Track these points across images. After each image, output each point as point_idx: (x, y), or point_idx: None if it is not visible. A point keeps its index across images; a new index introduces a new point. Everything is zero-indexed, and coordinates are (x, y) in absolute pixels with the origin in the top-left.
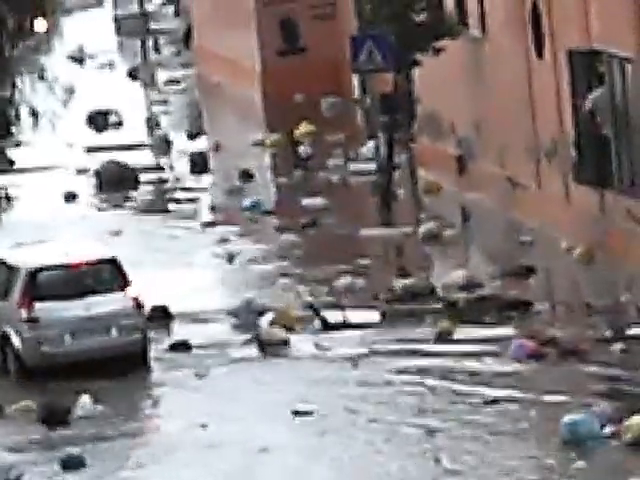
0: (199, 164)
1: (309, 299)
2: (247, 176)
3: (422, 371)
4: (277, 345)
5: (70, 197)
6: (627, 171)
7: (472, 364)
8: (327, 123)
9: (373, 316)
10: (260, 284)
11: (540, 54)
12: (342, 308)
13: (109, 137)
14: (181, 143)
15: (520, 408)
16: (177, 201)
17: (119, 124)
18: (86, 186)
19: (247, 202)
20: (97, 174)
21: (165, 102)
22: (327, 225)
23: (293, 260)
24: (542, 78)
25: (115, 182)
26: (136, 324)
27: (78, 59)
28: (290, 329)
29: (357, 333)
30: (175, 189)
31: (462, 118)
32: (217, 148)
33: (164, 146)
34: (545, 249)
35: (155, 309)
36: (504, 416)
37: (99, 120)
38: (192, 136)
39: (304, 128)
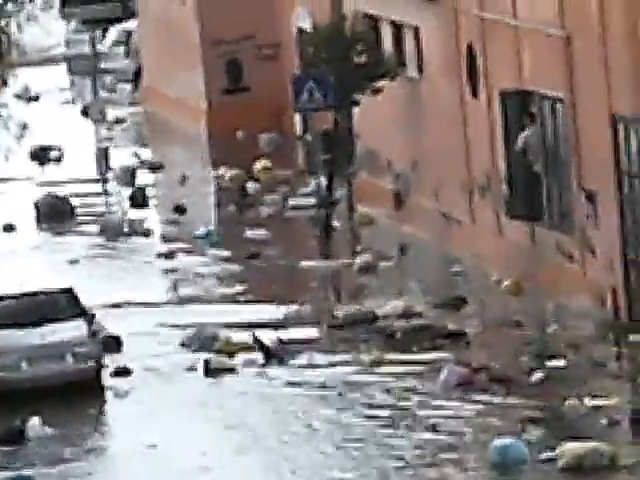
0: (138, 198)
1: (254, 329)
2: (180, 210)
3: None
4: (224, 371)
5: (8, 228)
6: (556, 206)
7: (409, 384)
8: (267, 159)
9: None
10: (210, 311)
11: (475, 94)
12: (283, 341)
13: (51, 171)
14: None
15: (449, 433)
16: (130, 232)
17: (59, 159)
18: (26, 218)
19: (200, 232)
20: (36, 206)
21: (113, 139)
22: (270, 256)
23: (239, 289)
24: (476, 117)
25: (52, 214)
26: (90, 352)
27: (25, 98)
28: (235, 356)
29: (297, 362)
30: (125, 220)
31: (399, 155)
32: (184, 181)
33: (128, 177)
34: (477, 280)
35: (109, 338)
36: (432, 443)
37: (41, 155)
38: (154, 169)
39: (261, 164)
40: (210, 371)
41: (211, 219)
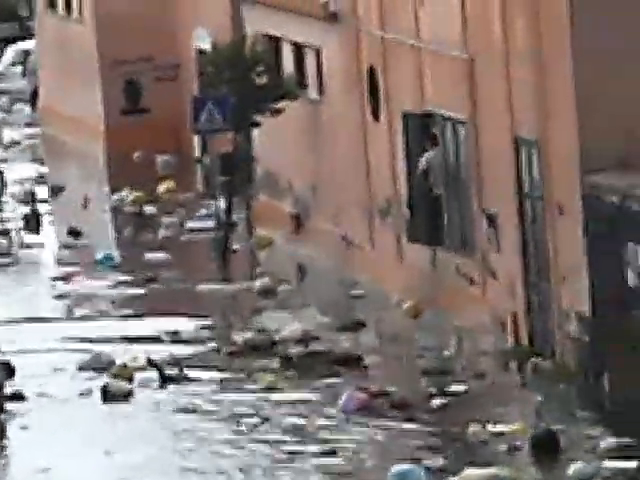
0: (33, 221)
1: (150, 354)
2: (75, 234)
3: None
4: (121, 396)
5: None
6: (457, 230)
7: (306, 409)
8: (171, 180)
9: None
10: (106, 334)
11: (376, 116)
12: (180, 365)
13: None
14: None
15: (348, 459)
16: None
17: None
18: None
19: (100, 255)
20: None
21: (8, 160)
22: (168, 279)
23: (138, 312)
24: (378, 140)
25: None
26: None
27: None
28: (132, 380)
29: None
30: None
31: (299, 177)
32: (86, 203)
33: (25, 199)
34: (376, 304)
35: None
36: (331, 469)
37: None
38: (55, 191)
39: (165, 186)
40: (107, 396)
41: (110, 242)
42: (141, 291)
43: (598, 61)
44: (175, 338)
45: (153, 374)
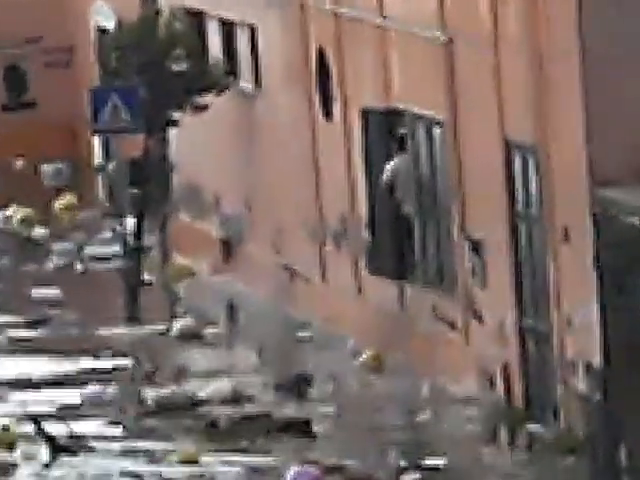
0: None
1: (39, 416)
2: None
3: None
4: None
5: None
6: (432, 260)
7: None
8: (72, 194)
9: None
10: None
11: (328, 114)
12: (73, 431)
13: None
14: None
15: None
16: None
17: None
18: None
19: None
20: None
21: None
22: (61, 322)
23: (22, 364)
24: (330, 143)
25: None
26: None
27: None
28: (15, 449)
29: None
30: None
31: (230, 191)
32: None
33: None
34: (328, 353)
35: None
36: None
37: None
38: None
39: (64, 201)
40: None
41: None
42: (28, 334)
43: (612, 49)
44: (72, 398)
45: (41, 443)
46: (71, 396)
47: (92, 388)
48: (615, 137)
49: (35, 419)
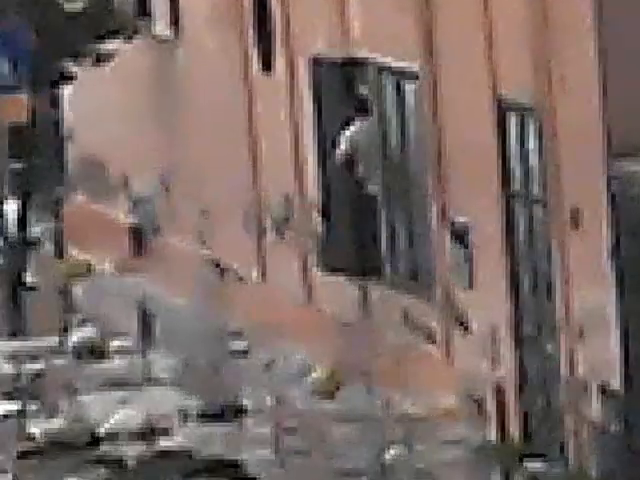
0: None
1: None
2: None
3: None
4: None
5: None
6: (404, 253)
7: None
8: None
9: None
10: None
11: (267, 65)
12: None
13: None
14: None
15: None
16: None
17: None
18: None
19: None
20: None
21: None
22: None
23: None
24: (270, 103)
25: None
26: None
27: None
28: None
29: None
30: None
31: (142, 166)
32: None
33: None
34: (270, 371)
35: None
36: None
37: None
38: None
39: None
40: None
41: None
42: None
43: None
44: None
45: None
46: None
47: None
48: (638, 95)
49: None
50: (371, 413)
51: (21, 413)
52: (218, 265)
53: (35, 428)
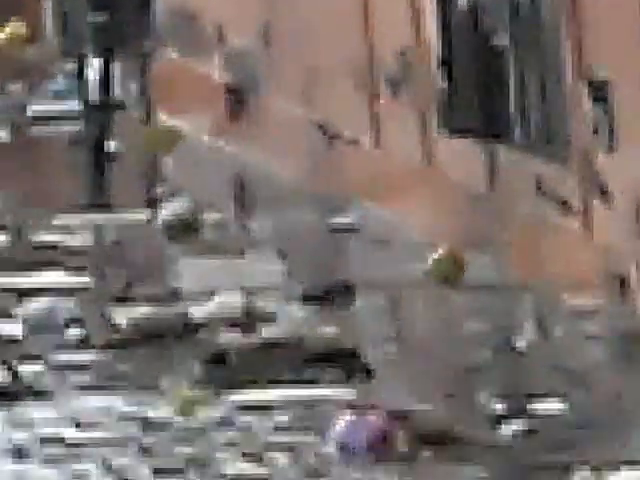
0: None
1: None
2: None
3: None
4: None
5: None
6: (537, 114)
7: (264, 449)
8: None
9: None
10: None
11: None
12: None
13: None
14: None
15: None
16: None
17: None
18: None
19: None
20: None
21: None
22: None
23: None
24: None
25: None
26: None
27: None
28: None
29: None
30: None
31: (239, 16)
32: None
33: None
34: (383, 250)
35: None
36: None
37: None
38: None
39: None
40: None
41: None
42: None
43: None
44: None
45: None
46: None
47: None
48: None
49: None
50: (501, 295)
51: (103, 294)
52: (326, 130)
53: (122, 314)
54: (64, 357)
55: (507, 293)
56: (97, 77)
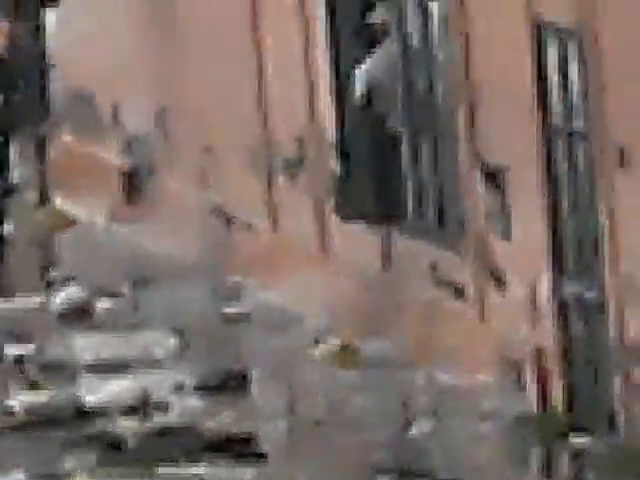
0: None
1: None
2: None
3: None
4: None
5: None
6: (431, 198)
7: None
8: None
9: None
10: None
11: None
12: None
13: None
14: None
15: None
16: None
17: None
18: None
19: None
20: None
21: None
22: None
23: None
24: (279, 27)
25: None
26: None
27: None
28: None
29: None
30: None
31: (136, 100)
32: None
33: None
34: (278, 335)
35: None
36: None
37: None
38: None
39: None
40: None
41: None
42: None
43: None
44: None
45: None
46: None
47: None
48: None
49: None
50: (394, 381)
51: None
52: (222, 213)
53: (17, 400)
54: None
55: (402, 374)
56: None
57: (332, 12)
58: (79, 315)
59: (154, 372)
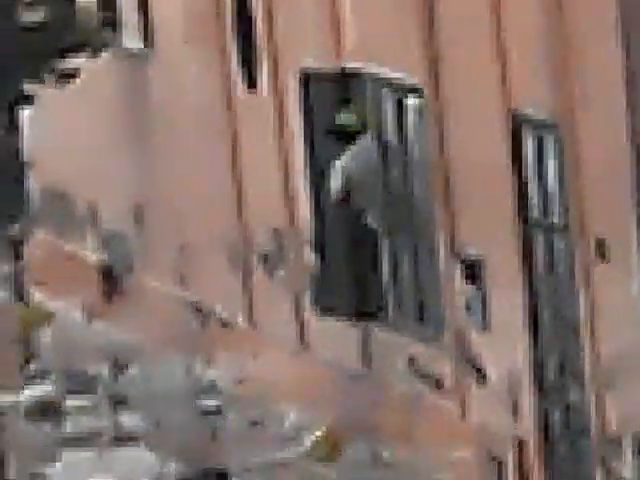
0: None
1: None
2: None
3: None
4: None
5: None
6: (410, 292)
7: None
8: None
9: None
10: None
11: (251, 83)
12: None
13: None
14: None
15: None
16: None
17: None
18: None
19: None
20: None
21: None
22: None
23: None
24: (254, 126)
25: None
26: None
27: None
28: None
29: None
30: None
31: (113, 198)
32: None
33: None
34: (257, 432)
35: None
36: None
37: None
38: None
39: None
40: None
41: None
42: None
43: None
44: None
45: None
46: None
47: None
48: None
49: None
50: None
51: None
52: (199, 309)
53: None
54: None
55: (384, 471)
56: None
57: (308, 100)
58: (45, 413)
59: None
